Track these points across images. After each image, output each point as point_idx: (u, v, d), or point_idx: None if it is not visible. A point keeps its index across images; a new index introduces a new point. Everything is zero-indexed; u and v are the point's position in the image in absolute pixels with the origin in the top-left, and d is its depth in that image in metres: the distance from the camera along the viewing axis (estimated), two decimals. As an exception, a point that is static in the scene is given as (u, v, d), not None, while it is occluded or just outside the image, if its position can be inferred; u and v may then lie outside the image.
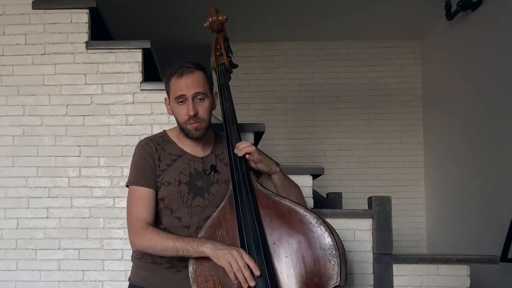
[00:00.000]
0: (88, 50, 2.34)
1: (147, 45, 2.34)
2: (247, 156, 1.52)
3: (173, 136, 1.65)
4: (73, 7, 2.35)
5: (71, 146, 2.29)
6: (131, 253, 1.69)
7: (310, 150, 4.53)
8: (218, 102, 1.66)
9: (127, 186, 1.62)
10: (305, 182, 2.20)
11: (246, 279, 1.34)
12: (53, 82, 2.33)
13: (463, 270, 2.11)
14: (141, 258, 1.62)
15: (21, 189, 2.29)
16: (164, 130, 1.69)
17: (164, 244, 1.46)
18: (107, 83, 2.32)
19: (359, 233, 2.15)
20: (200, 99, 1.55)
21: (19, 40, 2.36)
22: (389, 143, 4.56)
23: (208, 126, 1.59)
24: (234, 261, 1.35)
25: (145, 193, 1.56)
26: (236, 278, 1.36)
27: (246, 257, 1.36)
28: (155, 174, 1.57)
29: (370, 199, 2.17)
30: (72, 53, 2.34)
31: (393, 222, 2.15)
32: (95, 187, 2.27)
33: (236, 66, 1.78)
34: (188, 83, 1.54)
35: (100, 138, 2.29)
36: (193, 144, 1.62)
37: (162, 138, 1.64)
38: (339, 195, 3.06)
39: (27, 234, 2.27)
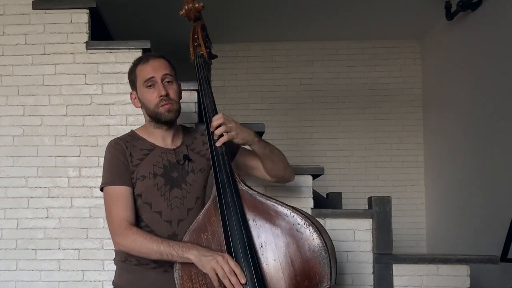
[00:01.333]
0: (88, 50, 2.33)
1: (147, 45, 2.34)
2: (224, 134, 1.47)
3: (142, 133, 1.63)
4: (73, 7, 2.35)
5: (71, 146, 2.29)
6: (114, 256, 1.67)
7: (310, 150, 4.54)
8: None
9: (101, 190, 1.58)
10: (305, 182, 2.20)
11: (233, 285, 1.31)
12: (53, 82, 2.33)
13: (463, 270, 2.12)
14: (125, 260, 1.58)
15: (21, 189, 2.28)
16: (132, 130, 1.68)
17: (148, 246, 1.42)
18: (107, 83, 2.32)
19: (359, 233, 2.15)
20: (168, 81, 1.56)
21: (19, 40, 2.35)
22: (389, 143, 4.56)
23: (178, 110, 1.58)
24: (220, 267, 1.31)
25: (122, 192, 1.52)
26: (220, 285, 1.32)
27: (232, 263, 1.32)
28: (129, 171, 1.53)
29: (370, 199, 2.17)
30: (72, 53, 2.34)
31: (393, 222, 2.16)
32: (95, 187, 2.27)
33: (215, 56, 1.68)
34: (155, 66, 1.56)
35: (100, 138, 2.29)
36: (164, 136, 1.60)
37: (130, 137, 1.63)
38: (339, 195, 3.06)
39: (27, 234, 2.26)
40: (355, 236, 2.15)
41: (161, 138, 1.60)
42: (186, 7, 1.64)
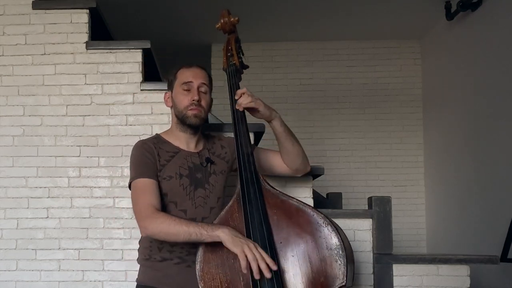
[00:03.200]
0: (88, 50, 2.33)
1: (147, 45, 2.34)
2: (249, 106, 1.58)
3: (167, 137, 1.70)
4: (73, 7, 2.35)
5: (71, 146, 2.29)
6: (137, 256, 1.70)
7: (310, 150, 4.49)
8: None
9: (129, 186, 1.63)
10: (305, 182, 2.20)
11: (262, 270, 1.33)
12: (53, 82, 2.33)
13: (463, 270, 2.11)
14: (149, 258, 1.63)
15: (21, 189, 2.28)
16: (157, 134, 1.75)
17: (176, 227, 1.44)
18: (107, 83, 2.31)
19: (359, 233, 2.15)
20: (203, 91, 1.66)
21: (19, 40, 2.35)
22: (389, 143, 4.57)
23: (205, 118, 1.68)
24: (250, 252, 1.34)
25: (149, 183, 1.57)
26: (246, 268, 1.34)
27: (263, 252, 1.37)
28: (156, 168, 1.60)
29: (370, 199, 2.17)
30: (72, 53, 2.34)
31: (393, 222, 2.16)
32: (95, 187, 2.27)
33: (247, 67, 1.80)
34: (197, 73, 1.67)
35: (100, 138, 2.29)
36: (188, 140, 1.68)
37: (156, 140, 1.69)
38: (339, 195, 3.06)
39: (27, 234, 2.26)
40: (355, 236, 2.15)
41: (185, 142, 1.68)
42: (222, 20, 1.79)
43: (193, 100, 1.61)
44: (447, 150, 4.08)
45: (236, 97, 1.60)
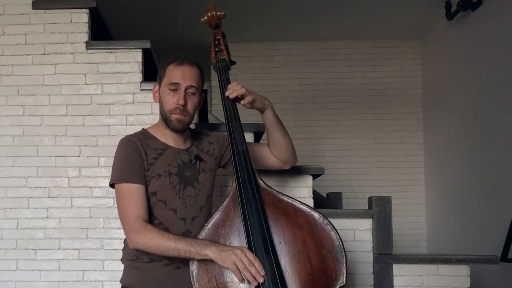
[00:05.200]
0: (88, 50, 2.33)
1: (147, 45, 2.34)
2: (241, 99, 1.55)
3: (154, 132, 1.64)
4: (73, 7, 2.35)
5: (71, 146, 2.29)
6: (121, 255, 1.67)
7: (310, 150, 4.53)
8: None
9: (111, 186, 1.58)
10: (305, 182, 2.20)
11: (254, 276, 1.32)
12: (53, 82, 2.33)
13: (463, 270, 2.11)
14: (136, 259, 1.58)
15: (21, 189, 2.28)
16: (143, 128, 1.69)
17: (166, 244, 1.42)
18: (107, 83, 2.31)
19: (359, 233, 2.15)
20: (192, 93, 1.57)
21: (19, 40, 2.35)
22: (389, 143, 4.57)
23: (189, 122, 1.60)
24: (239, 260, 1.32)
25: (136, 190, 1.52)
26: (242, 279, 1.34)
27: (251, 256, 1.34)
28: (144, 169, 1.54)
29: (370, 199, 2.17)
30: (72, 53, 2.34)
31: (393, 222, 2.16)
32: (95, 187, 2.27)
33: (234, 63, 1.76)
34: (185, 73, 1.56)
35: (100, 138, 2.29)
36: (176, 137, 1.62)
37: (143, 135, 1.63)
38: (339, 195, 3.06)
39: (27, 234, 2.26)
40: (355, 236, 2.15)
41: (172, 139, 1.62)
42: (208, 14, 1.72)
43: (178, 104, 1.54)
44: (447, 150, 4.08)
45: (227, 93, 1.56)
